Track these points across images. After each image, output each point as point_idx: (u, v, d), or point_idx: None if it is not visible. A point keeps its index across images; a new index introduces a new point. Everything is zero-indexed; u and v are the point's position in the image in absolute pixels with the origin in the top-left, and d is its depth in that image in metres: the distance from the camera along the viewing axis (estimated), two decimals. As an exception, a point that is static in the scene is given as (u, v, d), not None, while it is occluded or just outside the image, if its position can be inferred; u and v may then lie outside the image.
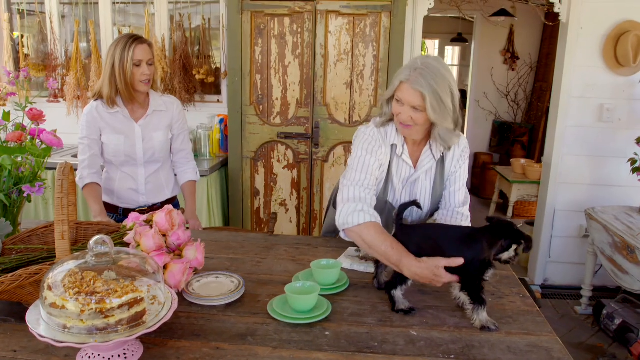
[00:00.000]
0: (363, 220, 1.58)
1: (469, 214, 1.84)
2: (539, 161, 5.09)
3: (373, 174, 1.70)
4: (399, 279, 1.48)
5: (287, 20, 3.33)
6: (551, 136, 3.70)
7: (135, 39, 2.18)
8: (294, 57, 3.39)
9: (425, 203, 1.82)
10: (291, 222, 3.65)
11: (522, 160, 4.20)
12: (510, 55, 6.23)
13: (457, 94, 1.62)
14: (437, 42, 10.59)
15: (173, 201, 2.53)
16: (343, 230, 1.66)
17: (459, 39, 8.44)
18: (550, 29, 5.64)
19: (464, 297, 1.42)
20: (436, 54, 10.81)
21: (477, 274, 1.41)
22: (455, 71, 10.85)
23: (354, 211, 1.60)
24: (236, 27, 3.37)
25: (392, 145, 1.76)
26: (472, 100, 6.59)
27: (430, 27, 8.87)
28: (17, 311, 1.39)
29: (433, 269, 1.40)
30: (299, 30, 3.34)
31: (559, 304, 3.67)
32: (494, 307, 1.49)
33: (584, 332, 3.27)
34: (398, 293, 1.48)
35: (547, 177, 3.73)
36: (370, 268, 1.73)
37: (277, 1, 3.29)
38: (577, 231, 3.72)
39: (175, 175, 2.52)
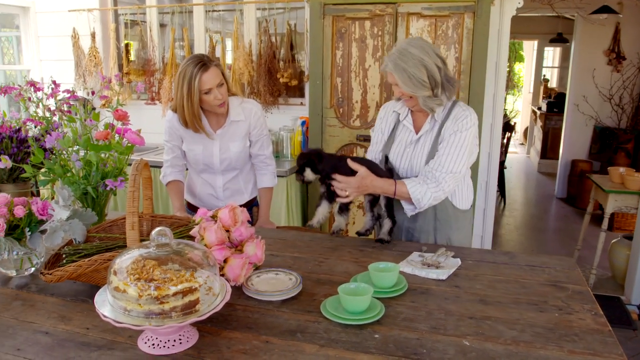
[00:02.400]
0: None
1: (438, 178, 1.94)
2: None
3: (375, 142, 2.16)
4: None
5: (367, 24, 3.35)
6: (654, 143, 3.40)
7: (200, 67, 2.12)
8: (374, 60, 3.39)
9: (423, 161, 2.01)
10: (368, 225, 3.65)
11: (621, 169, 3.87)
12: (616, 56, 5.79)
13: (434, 66, 1.86)
14: (535, 42, 10.06)
15: (252, 202, 2.61)
16: None
17: (559, 39, 7.95)
18: (662, 27, 5.17)
19: None
20: (534, 55, 10.29)
21: None
22: (555, 73, 10.25)
23: None
24: (318, 31, 3.43)
25: (397, 113, 2.11)
26: (571, 104, 6.20)
27: (527, 27, 8.48)
28: (95, 293, 1.52)
29: None
30: (380, 33, 3.33)
31: (658, 327, 3.35)
32: (559, 324, 1.40)
33: (686, 360, 2.96)
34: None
35: (649, 188, 3.43)
36: (432, 274, 1.70)
37: (358, 5, 3.31)
38: (683, 248, 3.38)
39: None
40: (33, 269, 1.70)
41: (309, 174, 1.93)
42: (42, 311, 1.45)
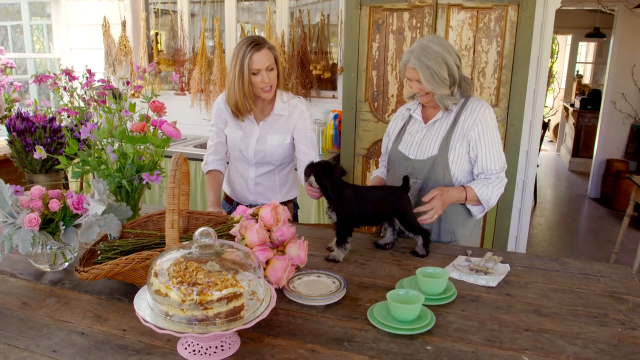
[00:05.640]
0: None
1: (498, 177, 2.02)
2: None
3: (386, 143, 2.24)
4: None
5: (406, 15, 3.23)
6: None
7: (253, 46, 2.08)
8: (411, 53, 3.27)
9: (435, 147, 2.02)
10: (399, 222, 3.55)
11: (666, 171, 3.72)
12: (658, 52, 5.56)
13: (454, 65, 1.93)
14: (569, 37, 9.77)
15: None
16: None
17: (595, 34, 7.69)
18: None
19: None
20: (568, 50, 10.02)
21: None
22: (588, 69, 9.97)
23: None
24: (354, 23, 3.33)
25: (409, 109, 2.17)
26: (607, 102, 5.99)
27: (562, 21, 8.21)
28: (131, 292, 1.47)
29: None
30: (418, 25, 3.22)
31: None
32: (623, 340, 1.30)
33: None
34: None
35: (697, 192, 3.26)
36: (481, 280, 1.60)
37: (397, -5, 3.20)
38: None
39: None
40: (67, 264, 1.65)
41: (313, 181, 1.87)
42: (77, 310, 1.39)
